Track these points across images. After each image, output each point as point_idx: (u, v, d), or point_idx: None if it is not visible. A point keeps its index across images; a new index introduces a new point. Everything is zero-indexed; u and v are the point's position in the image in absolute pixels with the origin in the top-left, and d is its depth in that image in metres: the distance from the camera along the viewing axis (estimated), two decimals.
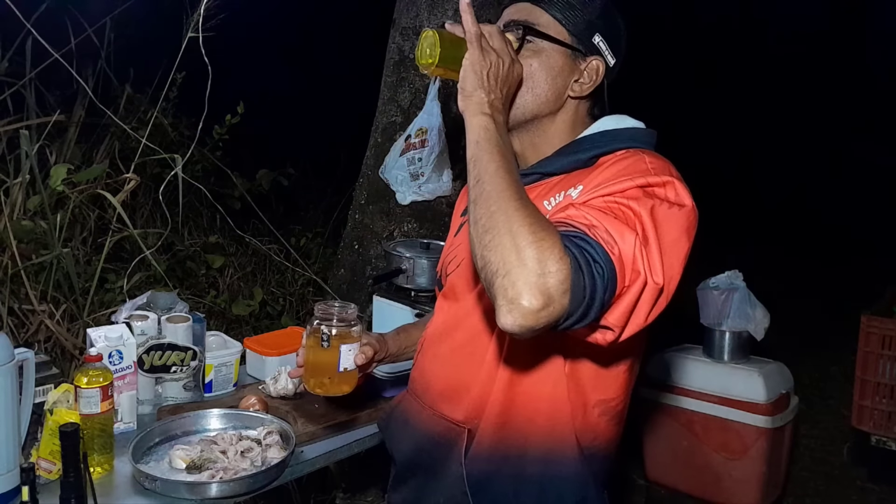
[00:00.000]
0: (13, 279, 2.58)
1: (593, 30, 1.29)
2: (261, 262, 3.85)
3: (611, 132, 1.30)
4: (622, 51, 1.33)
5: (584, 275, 1.00)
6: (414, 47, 3.13)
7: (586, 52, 1.29)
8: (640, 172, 1.14)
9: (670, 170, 1.17)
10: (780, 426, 2.93)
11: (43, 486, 1.46)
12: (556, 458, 1.27)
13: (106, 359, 1.68)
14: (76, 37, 3.14)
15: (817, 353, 4.76)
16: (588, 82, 1.30)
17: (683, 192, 1.15)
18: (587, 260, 1.01)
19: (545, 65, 1.29)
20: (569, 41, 1.29)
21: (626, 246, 1.04)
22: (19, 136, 2.74)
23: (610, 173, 1.17)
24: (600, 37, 1.29)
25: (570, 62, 1.29)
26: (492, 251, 1.01)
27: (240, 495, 1.51)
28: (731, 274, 3.05)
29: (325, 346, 1.39)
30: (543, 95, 1.29)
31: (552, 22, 1.29)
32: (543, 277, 0.97)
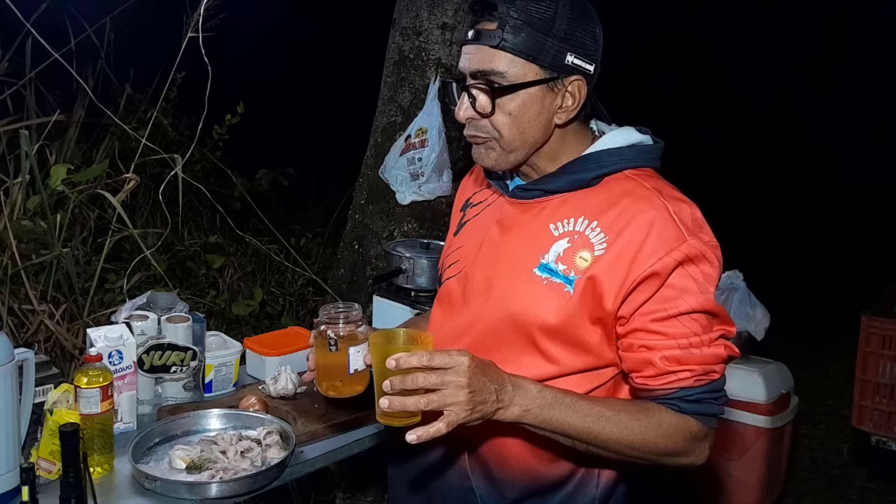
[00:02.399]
0: (13, 279, 2.58)
1: (563, 51, 1.18)
2: (261, 262, 3.84)
3: (616, 151, 1.26)
4: (599, 50, 1.23)
5: (711, 414, 1.22)
6: (414, 47, 3.13)
7: (563, 76, 1.21)
8: (675, 240, 1.17)
9: (694, 219, 1.21)
10: (780, 426, 2.92)
11: (43, 486, 1.46)
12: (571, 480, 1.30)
13: (106, 359, 1.68)
14: (76, 37, 3.14)
15: (817, 353, 4.76)
16: (572, 105, 1.23)
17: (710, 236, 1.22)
18: (708, 402, 1.21)
19: (524, 108, 1.21)
20: (542, 75, 1.19)
21: (718, 360, 1.21)
22: (19, 136, 2.74)
23: (637, 237, 1.17)
24: (572, 54, 1.19)
25: (549, 94, 1.21)
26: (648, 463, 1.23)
27: (240, 495, 1.51)
28: (731, 274, 3.04)
29: (332, 350, 1.38)
30: (532, 135, 1.24)
31: (518, 62, 1.18)
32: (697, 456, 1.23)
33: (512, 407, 1.13)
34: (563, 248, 1.22)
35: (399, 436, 1.20)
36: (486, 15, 1.19)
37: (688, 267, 1.17)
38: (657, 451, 1.19)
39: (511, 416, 1.13)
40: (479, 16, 1.21)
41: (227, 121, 3.65)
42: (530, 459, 1.27)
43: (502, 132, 1.23)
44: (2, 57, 3.22)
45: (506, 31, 1.17)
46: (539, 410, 1.14)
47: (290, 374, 1.92)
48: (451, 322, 1.36)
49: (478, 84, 1.21)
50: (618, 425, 1.16)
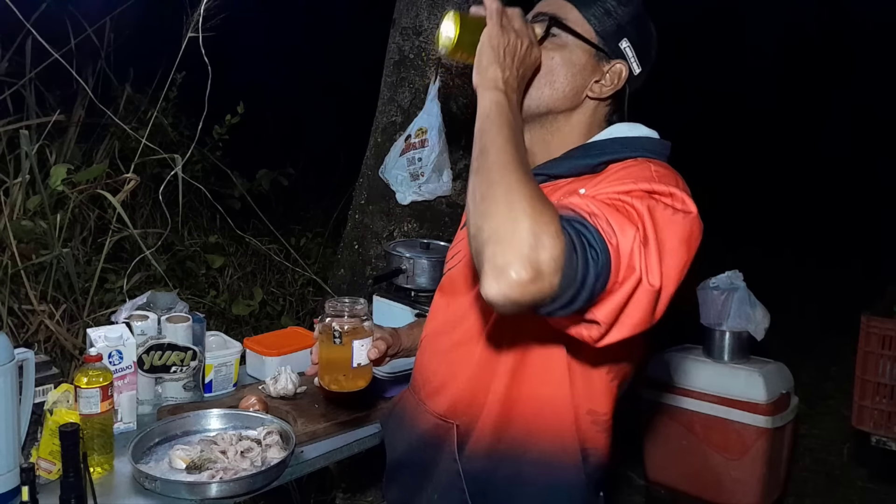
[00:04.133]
0: (13, 279, 2.58)
1: (621, 34, 1.27)
2: (261, 262, 3.85)
3: (622, 139, 1.27)
4: (650, 61, 1.31)
5: (578, 257, 0.97)
6: (414, 47, 3.13)
7: (611, 55, 1.28)
8: (645, 179, 1.13)
9: (676, 180, 1.16)
10: (781, 426, 2.93)
11: (43, 486, 1.46)
12: (555, 461, 1.26)
13: (106, 359, 1.68)
14: (76, 37, 3.14)
15: (817, 353, 4.76)
16: (609, 85, 1.28)
17: (688, 201, 1.14)
18: (583, 244, 0.99)
19: (567, 60, 1.27)
20: (595, 41, 1.27)
21: (624, 240, 1.02)
22: (19, 136, 2.74)
23: (614, 178, 1.17)
24: (628, 42, 1.27)
25: (592, 62, 1.28)
26: (486, 219, 0.99)
27: (240, 495, 1.51)
28: (731, 274, 3.05)
29: (337, 342, 1.39)
30: (561, 90, 1.27)
31: (580, 19, 1.27)
32: (536, 251, 0.95)
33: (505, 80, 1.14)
34: None
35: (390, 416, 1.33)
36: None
37: (647, 193, 1.10)
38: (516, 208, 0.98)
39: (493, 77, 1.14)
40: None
41: (226, 121, 3.65)
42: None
43: (539, 74, 1.26)
44: (2, 57, 3.22)
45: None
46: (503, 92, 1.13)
47: (290, 374, 1.92)
48: (451, 308, 1.37)
49: (539, 19, 1.28)
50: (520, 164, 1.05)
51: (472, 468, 1.28)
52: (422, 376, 1.42)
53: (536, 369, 1.25)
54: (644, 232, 1.04)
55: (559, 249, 0.96)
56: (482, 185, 1.03)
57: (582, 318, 1.05)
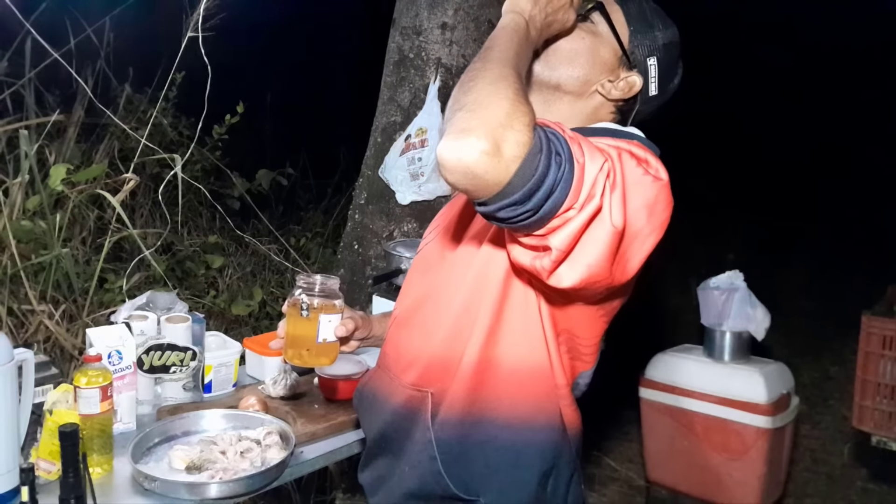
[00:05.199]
0: (13, 279, 2.58)
1: (653, 52, 1.30)
2: (260, 262, 3.84)
3: (612, 129, 1.29)
4: (668, 92, 1.34)
5: (542, 156, 0.96)
6: (414, 47, 3.13)
7: (634, 66, 1.30)
8: (625, 143, 1.14)
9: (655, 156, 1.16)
10: (781, 426, 2.92)
11: (42, 486, 1.46)
12: (532, 425, 1.24)
13: (105, 359, 1.68)
14: (76, 37, 3.14)
15: (818, 353, 4.76)
16: (620, 90, 1.30)
17: (662, 171, 1.13)
18: (550, 148, 0.98)
19: (594, 48, 1.29)
20: (626, 45, 1.30)
21: (592, 166, 1.01)
22: (19, 136, 2.74)
23: None
24: (655, 62, 1.30)
25: (614, 61, 1.30)
26: (467, 93, 0.99)
27: (239, 496, 1.51)
28: (731, 274, 3.04)
29: (304, 314, 1.36)
30: (576, 73, 1.29)
31: (622, 21, 1.30)
32: (504, 129, 0.94)
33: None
34: None
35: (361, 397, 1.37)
36: None
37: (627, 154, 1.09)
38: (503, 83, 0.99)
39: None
40: None
41: (226, 121, 3.65)
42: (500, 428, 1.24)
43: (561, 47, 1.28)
44: (2, 57, 3.22)
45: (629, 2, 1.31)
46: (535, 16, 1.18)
47: (290, 375, 1.92)
48: (424, 282, 1.36)
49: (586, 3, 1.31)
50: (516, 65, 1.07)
51: (445, 435, 1.25)
52: (395, 352, 1.38)
53: (512, 332, 1.22)
54: (613, 171, 1.04)
55: (526, 137, 0.95)
56: (476, 69, 1.04)
57: (535, 248, 1.04)
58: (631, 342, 4.65)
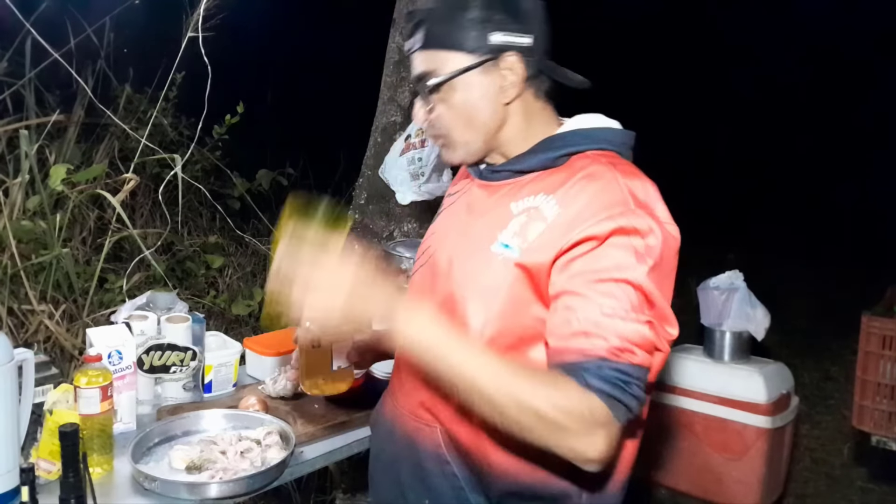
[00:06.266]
0: (13, 279, 2.58)
1: (486, 31, 1.20)
2: (260, 262, 3.84)
3: (584, 131, 1.26)
4: (536, 21, 1.23)
5: (621, 401, 1.05)
6: None
7: (494, 56, 1.21)
8: (620, 208, 1.12)
9: (647, 194, 1.15)
10: (781, 426, 2.92)
11: (43, 486, 1.46)
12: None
13: (105, 359, 1.67)
14: (76, 37, 3.13)
15: (818, 353, 4.75)
16: (513, 81, 1.22)
17: (663, 222, 1.14)
18: (619, 385, 1.05)
19: (465, 98, 1.23)
20: (471, 61, 1.21)
21: (642, 341, 1.08)
22: (19, 136, 2.74)
23: (584, 201, 1.14)
24: (498, 33, 1.20)
25: (486, 77, 1.22)
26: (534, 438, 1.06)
27: (239, 496, 1.51)
28: (731, 274, 3.04)
29: (316, 346, 1.39)
30: (481, 121, 1.25)
31: (442, 56, 1.22)
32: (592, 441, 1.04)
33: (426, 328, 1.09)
34: (520, 224, 1.21)
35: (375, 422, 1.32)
36: (412, 23, 1.26)
37: (630, 237, 1.10)
38: (543, 417, 1.03)
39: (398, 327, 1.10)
40: (410, 28, 1.27)
41: (226, 121, 3.65)
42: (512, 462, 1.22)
43: (453, 126, 1.25)
44: (2, 57, 3.22)
45: (426, 32, 1.23)
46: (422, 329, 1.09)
47: (290, 375, 1.92)
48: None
49: (420, 87, 1.26)
50: (502, 373, 1.05)
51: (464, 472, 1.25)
52: (398, 378, 1.39)
53: None
54: (650, 311, 1.10)
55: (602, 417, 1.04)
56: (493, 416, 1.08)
57: None
58: None
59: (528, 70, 1.23)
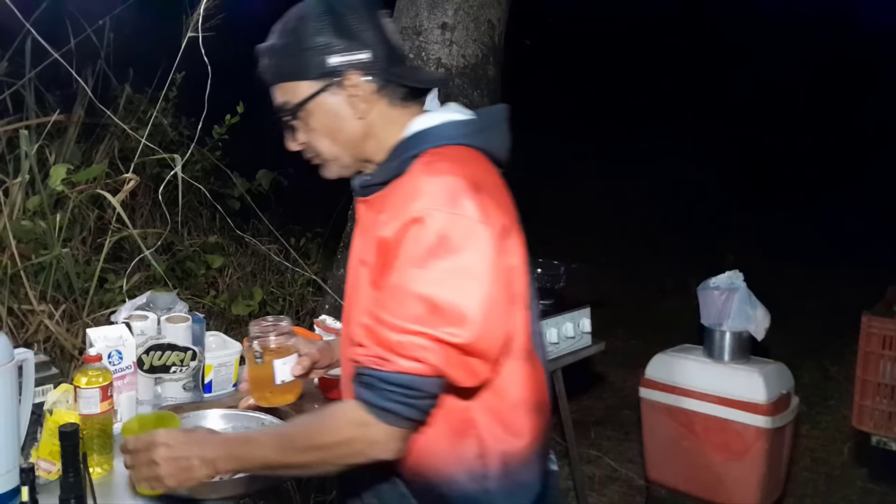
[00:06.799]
0: (13, 279, 2.58)
1: (323, 56, 1.25)
2: (261, 262, 3.84)
3: (419, 134, 1.28)
4: (370, 36, 1.26)
5: (375, 404, 1.14)
6: (414, 47, 3.13)
7: (336, 78, 1.26)
8: (413, 204, 1.15)
9: (449, 185, 1.16)
10: (781, 426, 2.92)
11: (43, 486, 1.46)
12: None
13: (105, 359, 1.68)
14: (76, 37, 3.13)
15: (818, 353, 4.75)
16: (362, 97, 1.27)
17: (468, 213, 1.14)
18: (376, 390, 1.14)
19: (322, 119, 1.29)
20: (317, 87, 1.27)
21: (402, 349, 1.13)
22: (19, 136, 2.74)
23: (390, 212, 1.20)
24: (334, 56, 1.25)
25: (334, 97, 1.27)
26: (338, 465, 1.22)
27: (239, 496, 1.51)
28: (731, 274, 3.04)
29: (258, 362, 1.48)
30: (343, 138, 1.30)
31: (290, 87, 1.28)
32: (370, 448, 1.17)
33: (219, 463, 1.25)
34: (377, 241, 1.24)
35: None
36: (259, 60, 1.32)
37: (414, 232, 1.14)
38: (321, 444, 1.19)
39: (221, 471, 1.27)
40: (259, 65, 1.33)
41: (226, 121, 3.65)
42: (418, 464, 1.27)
43: (320, 146, 1.32)
44: (2, 57, 3.22)
45: (270, 67, 1.31)
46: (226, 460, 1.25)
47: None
48: (343, 328, 1.42)
49: (281, 118, 1.33)
50: (280, 439, 1.24)
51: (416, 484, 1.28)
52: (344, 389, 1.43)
53: None
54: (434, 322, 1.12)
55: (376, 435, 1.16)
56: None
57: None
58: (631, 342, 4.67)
59: (375, 83, 1.27)
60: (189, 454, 1.24)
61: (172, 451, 1.25)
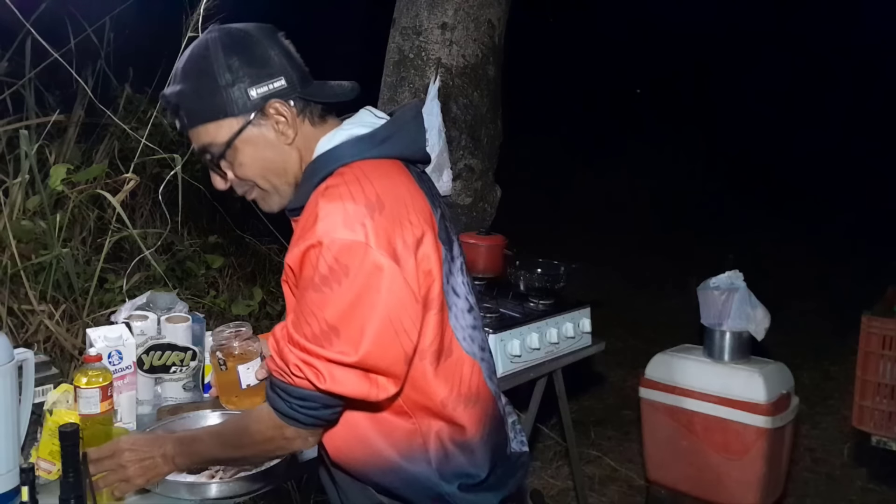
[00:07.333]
0: (13, 279, 2.58)
1: (241, 92, 1.24)
2: (261, 262, 3.84)
3: (323, 157, 1.27)
4: (280, 61, 1.27)
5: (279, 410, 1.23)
6: (414, 47, 3.13)
7: (258, 109, 1.25)
8: (308, 234, 1.18)
9: (346, 210, 1.16)
10: (781, 426, 2.92)
11: (43, 486, 1.46)
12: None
13: (105, 359, 1.68)
14: (76, 37, 3.13)
15: (818, 353, 4.75)
16: (286, 123, 1.26)
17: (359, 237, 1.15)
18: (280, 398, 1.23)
19: (251, 153, 1.27)
20: (239, 122, 1.25)
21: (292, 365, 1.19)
22: (19, 136, 2.74)
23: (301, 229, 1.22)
24: (251, 88, 1.25)
25: (260, 129, 1.26)
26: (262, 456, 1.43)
27: (240, 495, 1.51)
28: (731, 274, 3.04)
29: (223, 369, 1.52)
30: (276, 168, 1.29)
31: (213, 127, 1.27)
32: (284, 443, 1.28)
33: (176, 458, 1.37)
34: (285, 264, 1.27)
35: None
36: (168, 108, 1.32)
37: (312, 256, 1.17)
38: (250, 443, 1.31)
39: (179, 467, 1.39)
40: (169, 112, 1.33)
41: None
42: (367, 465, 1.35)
43: (254, 180, 1.31)
44: (2, 57, 3.22)
45: (187, 113, 1.28)
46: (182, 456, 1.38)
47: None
48: None
49: (206, 159, 1.32)
50: (219, 438, 1.37)
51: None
52: None
53: None
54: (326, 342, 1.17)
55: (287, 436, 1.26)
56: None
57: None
58: (631, 342, 4.67)
59: (295, 107, 1.27)
60: (153, 454, 1.37)
61: (137, 454, 1.37)
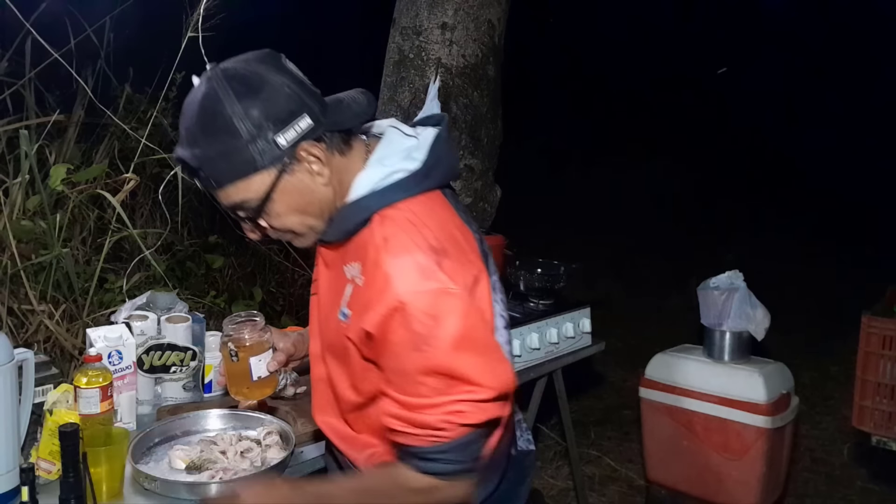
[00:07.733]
0: (13, 279, 2.58)
1: (268, 142, 1.15)
2: (261, 262, 3.84)
3: (364, 200, 1.22)
4: (299, 98, 1.17)
5: (436, 473, 1.17)
6: (414, 47, 3.13)
7: (291, 155, 1.17)
8: (385, 295, 1.14)
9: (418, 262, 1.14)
10: (781, 426, 2.92)
11: (43, 486, 1.47)
12: None
13: (105, 359, 1.68)
14: (76, 37, 3.13)
15: (818, 353, 4.75)
16: (319, 165, 1.20)
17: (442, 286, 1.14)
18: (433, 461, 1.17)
19: (287, 200, 1.20)
20: (273, 173, 1.17)
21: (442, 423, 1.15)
22: (19, 135, 2.74)
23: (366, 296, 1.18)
24: (278, 135, 1.15)
25: (294, 176, 1.19)
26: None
27: None
28: (731, 274, 3.04)
29: (234, 360, 1.48)
30: (314, 210, 1.23)
31: (244, 184, 1.18)
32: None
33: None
34: (349, 293, 1.24)
35: None
36: (186, 171, 1.23)
37: (399, 320, 1.13)
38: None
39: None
40: (188, 173, 1.24)
41: None
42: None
43: (292, 227, 1.25)
44: (2, 57, 3.22)
45: (213, 175, 1.19)
46: None
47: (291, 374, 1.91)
48: (312, 341, 1.42)
49: (240, 214, 1.24)
50: (357, 498, 1.26)
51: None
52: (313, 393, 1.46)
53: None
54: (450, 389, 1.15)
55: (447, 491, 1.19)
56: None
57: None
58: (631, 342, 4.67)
59: (325, 142, 1.20)
60: None
61: None
